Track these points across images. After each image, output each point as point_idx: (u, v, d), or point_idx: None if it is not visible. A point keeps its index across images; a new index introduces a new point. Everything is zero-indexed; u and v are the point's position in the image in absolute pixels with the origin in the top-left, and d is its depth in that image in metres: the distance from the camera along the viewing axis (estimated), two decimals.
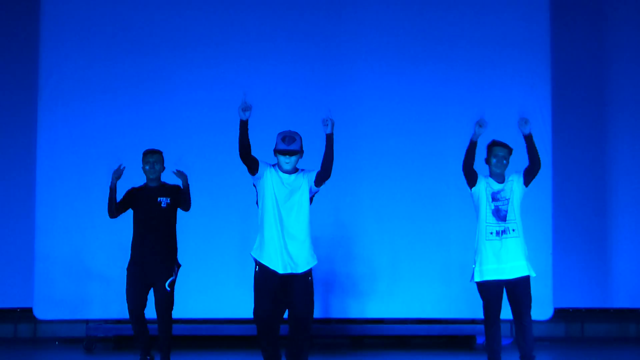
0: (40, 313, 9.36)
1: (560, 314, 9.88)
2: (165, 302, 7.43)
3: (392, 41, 9.57)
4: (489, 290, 7.03)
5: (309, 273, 6.64)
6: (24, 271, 9.67)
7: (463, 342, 9.60)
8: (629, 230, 10.13)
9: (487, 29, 9.56)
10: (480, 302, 9.55)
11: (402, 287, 9.35)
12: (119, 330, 9.31)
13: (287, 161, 6.68)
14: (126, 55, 9.51)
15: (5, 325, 10.04)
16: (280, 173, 6.71)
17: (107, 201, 7.46)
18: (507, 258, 7.02)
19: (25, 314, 9.71)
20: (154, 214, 7.48)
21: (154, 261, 7.43)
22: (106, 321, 9.33)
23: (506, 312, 9.46)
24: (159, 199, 7.49)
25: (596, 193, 10.15)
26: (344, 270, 9.33)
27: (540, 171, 9.32)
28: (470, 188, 7.14)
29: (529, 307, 7.06)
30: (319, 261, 7.74)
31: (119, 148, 9.32)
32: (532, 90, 9.49)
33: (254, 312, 6.58)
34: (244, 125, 6.61)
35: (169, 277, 7.44)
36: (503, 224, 7.05)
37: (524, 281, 7.04)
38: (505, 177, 7.15)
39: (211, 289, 9.30)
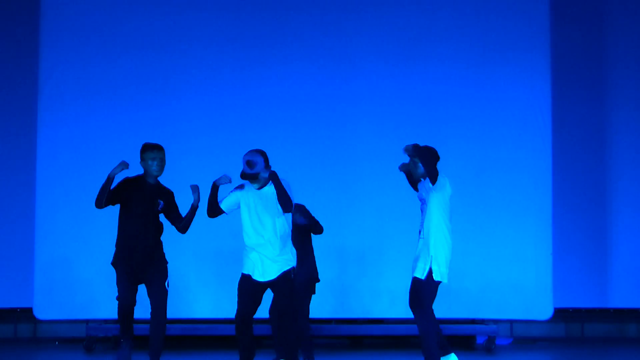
0: (40, 313, 9.36)
1: (560, 314, 9.88)
2: (164, 302, 7.24)
3: (391, 41, 9.57)
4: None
5: (287, 273, 6.94)
6: (24, 271, 9.67)
7: (463, 342, 9.60)
8: (629, 230, 10.13)
9: (487, 29, 9.56)
10: (481, 301, 9.61)
11: (402, 287, 9.31)
12: (119, 330, 9.28)
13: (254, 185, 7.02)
14: (126, 56, 9.51)
15: (5, 325, 10.04)
16: (254, 187, 7.02)
17: (99, 191, 7.05)
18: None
19: (25, 314, 9.72)
20: (151, 213, 7.21)
21: (148, 261, 7.22)
22: (106, 321, 9.33)
23: (506, 313, 9.52)
24: (158, 199, 7.24)
25: (596, 193, 10.16)
26: (342, 270, 9.33)
27: (540, 171, 9.42)
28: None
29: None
30: (319, 261, 7.81)
31: (118, 148, 9.31)
32: (532, 90, 9.49)
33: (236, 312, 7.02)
34: (216, 189, 7.09)
35: (166, 277, 7.28)
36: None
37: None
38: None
39: (210, 289, 9.31)
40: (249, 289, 6.95)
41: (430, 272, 6.89)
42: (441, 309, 9.29)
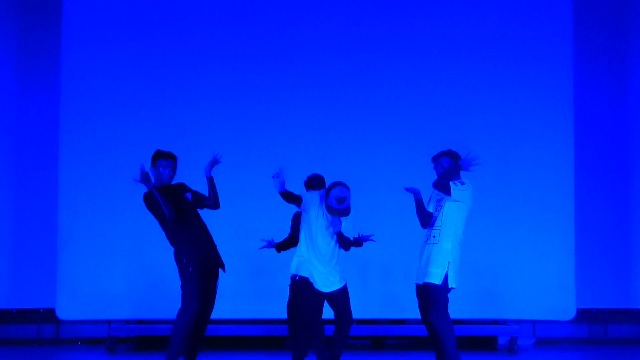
0: (62, 314, 9.40)
1: (583, 314, 9.82)
2: None
3: (414, 41, 9.54)
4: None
5: (346, 287, 7.23)
6: (46, 272, 9.71)
7: (485, 342, 9.57)
8: None
9: (510, 27, 9.52)
10: (503, 302, 9.55)
11: None
12: (141, 331, 9.33)
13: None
14: (148, 58, 9.51)
15: (28, 326, 10.08)
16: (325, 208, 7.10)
17: (160, 202, 7.03)
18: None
19: (48, 314, 9.76)
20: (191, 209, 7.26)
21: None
22: (128, 321, 9.35)
23: (529, 313, 9.47)
24: (185, 194, 7.27)
25: (619, 191, 10.09)
26: (364, 271, 9.31)
27: (562, 169, 9.37)
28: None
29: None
30: (343, 262, 7.81)
31: (140, 149, 9.33)
32: (554, 88, 9.45)
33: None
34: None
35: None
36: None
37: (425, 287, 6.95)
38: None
39: (229, 290, 9.31)
40: (312, 297, 7.06)
41: (446, 277, 6.83)
42: (463, 309, 9.32)
